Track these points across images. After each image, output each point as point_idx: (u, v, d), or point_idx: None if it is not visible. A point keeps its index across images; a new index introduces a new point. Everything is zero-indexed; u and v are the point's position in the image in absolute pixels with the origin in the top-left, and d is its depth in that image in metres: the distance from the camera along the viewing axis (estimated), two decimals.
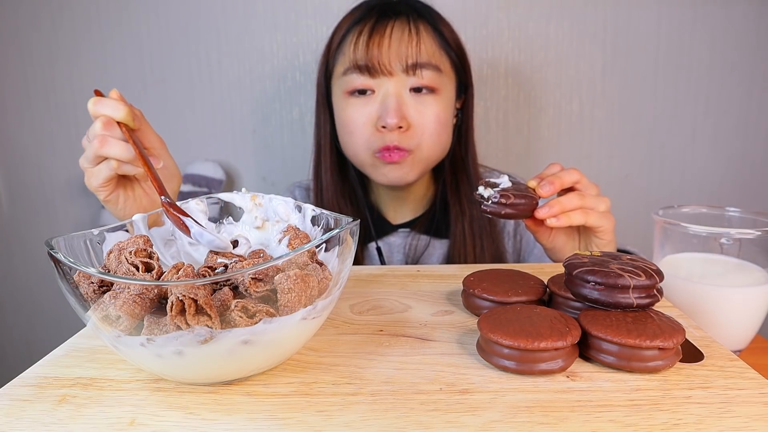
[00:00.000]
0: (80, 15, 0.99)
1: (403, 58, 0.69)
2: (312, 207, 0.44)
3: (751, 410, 0.30)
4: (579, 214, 0.56)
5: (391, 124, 0.68)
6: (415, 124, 0.70)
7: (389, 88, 0.69)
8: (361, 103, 0.71)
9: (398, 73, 0.69)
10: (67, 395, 0.33)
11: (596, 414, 0.30)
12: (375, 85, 0.70)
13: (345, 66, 0.71)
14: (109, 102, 0.52)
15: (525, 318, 0.36)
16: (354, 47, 0.69)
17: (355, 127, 0.71)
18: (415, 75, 0.69)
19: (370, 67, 0.69)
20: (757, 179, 1.05)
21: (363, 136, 0.71)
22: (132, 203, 0.58)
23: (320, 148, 0.79)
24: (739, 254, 0.54)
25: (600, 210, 0.57)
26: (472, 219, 0.78)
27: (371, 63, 0.68)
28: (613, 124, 1.03)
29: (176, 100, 1.02)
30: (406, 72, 0.69)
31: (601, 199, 0.58)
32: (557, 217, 0.55)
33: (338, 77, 0.73)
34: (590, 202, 0.57)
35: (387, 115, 0.68)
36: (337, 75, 0.73)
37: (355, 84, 0.70)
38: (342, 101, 0.72)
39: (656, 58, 1.00)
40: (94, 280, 0.32)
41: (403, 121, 0.69)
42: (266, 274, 0.32)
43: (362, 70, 0.69)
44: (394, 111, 0.68)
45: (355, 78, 0.70)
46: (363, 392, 0.33)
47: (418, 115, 0.70)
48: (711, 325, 0.52)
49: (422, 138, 0.71)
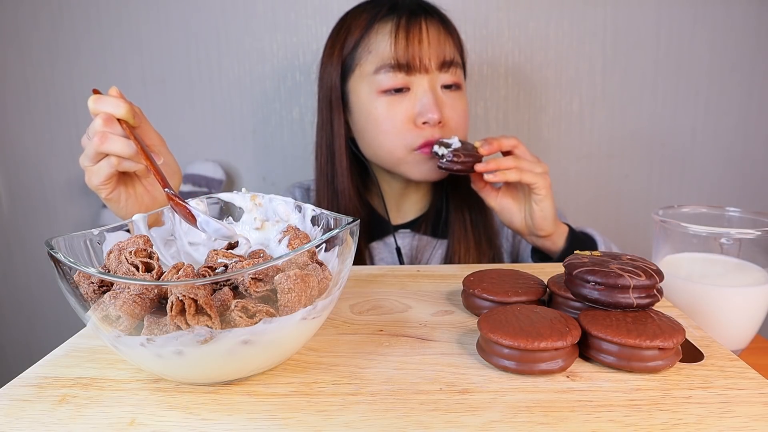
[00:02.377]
0: (80, 15, 0.99)
1: (440, 55, 0.70)
2: (312, 207, 0.44)
3: (751, 410, 0.30)
4: (514, 172, 0.64)
5: (433, 119, 0.69)
6: (449, 119, 0.72)
7: (424, 84, 0.70)
8: (397, 101, 0.70)
9: (433, 70, 0.70)
10: (67, 395, 0.33)
11: (596, 414, 0.30)
12: (411, 82, 0.70)
13: (377, 64, 0.70)
14: (109, 99, 0.51)
15: (525, 318, 0.36)
16: (394, 45, 0.69)
17: (391, 126, 0.71)
18: (448, 72, 0.71)
19: (411, 64, 0.69)
20: (757, 179, 1.05)
21: (400, 134, 0.71)
22: (134, 201, 0.57)
23: (333, 151, 0.77)
24: (739, 254, 0.54)
25: (536, 171, 0.65)
26: (471, 218, 0.78)
27: (412, 60, 0.69)
28: (613, 124, 1.03)
29: (176, 100, 1.02)
30: (440, 69, 0.71)
31: (537, 164, 0.66)
32: (494, 173, 0.65)
33: (365, 76, 0.71)
34: (525, 164, 0.65)
35: (428, 111, 0.69)
36: (363, 74, 0.72)
37: (392, 82, 0.70)
38: (373, 100, 0.71)
39: (656, 58, 1.00)
40: (94, 280, 0.32)
41: (442, 117, 0.70)
42: (266, 274, 0.32)
43: (401, 68, 0.69)
44: (435, 107, 0.69)
45: (392, 76, 0.70)
46: (363, 392, 0.33)
47: (452, 111, 0.72)
48: (711, 325, 0.52)
49: (456, 133, 0.72)
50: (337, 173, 0.77)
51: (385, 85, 0.70)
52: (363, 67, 0.72)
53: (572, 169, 1.05)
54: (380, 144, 0.73)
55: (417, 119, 0.70)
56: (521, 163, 0.65)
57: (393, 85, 0.70)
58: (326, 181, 0.78)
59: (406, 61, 0.69)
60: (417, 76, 0.70)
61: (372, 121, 0.72)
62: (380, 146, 0.73)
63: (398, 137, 0.71)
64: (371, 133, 0.73)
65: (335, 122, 0.76)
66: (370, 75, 0.71)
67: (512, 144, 0.66)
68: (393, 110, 0.70)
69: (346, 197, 0.76)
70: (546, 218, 0.67)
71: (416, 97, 0.70)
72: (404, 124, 0.70)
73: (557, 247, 0.69)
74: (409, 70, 0.69)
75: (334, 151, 0.77)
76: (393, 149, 0.72)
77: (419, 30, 0.69)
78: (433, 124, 0.70)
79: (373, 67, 0.70)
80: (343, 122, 0.76)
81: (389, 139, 0.72)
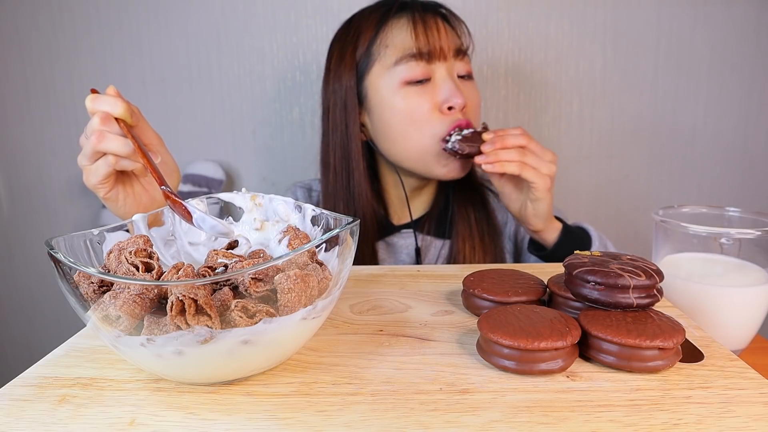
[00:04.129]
0: (80, 15, 0.99)
1: (454, 43, 0.72)
2: (312, 207, 0.44)
3: (751, 410, 0.30)
4: (515, 166, 0.64)
5: (459, 103, 0.70)
6: (468, 106, 0.72)
7: (444, 72, 0.71)
8: (420, 92, 0.71)
9: (450, 58, 0.72)
10: (67, 395, 0.33)
11: (596, 414, 0.30)
12: (432, 70, 0.71)
13: (397, 56, 0.71)
14: (106, 98, 0.51)
15: (525, 318, 0.36)
16: (414, 35, 0.70)
17: (420, 115, 0.71)
18: (462, 60, 0.73)
19: (432, 52, 0.70)
20: (757, 179, 1.05)
21: (430, 123, 0.71)
22: (132, 200, 0.57)
23: (349, 155, 0.75)
24: (739, 254, 0.54)
25: (541, 171, 0.64)
26: (474, 218, 0.78)
27: (433, 48, 0.70)
28: (613, 124, 1.03)
29: (176, 100, 1.02)
30: (456, 57, 0.72)
31: (546, 163, 0.65)
32: (492, 164, 0.65)
33: (385, 70, 0.71)
34: (532, 161, 0.64)
35: (453, 95, 0.70)
36: (383, 68, 0.72)
37: (415, 72, 0.70)
38: (395, 93, 0.71)
39: (656, 58, 1.00)
40: (94, 280, 0.32)
41: (465, 102, 0.71)
42: (266, 274, 0.32)
43: (422, 56, 0.70)
44: (459, 91, 0.70)
45: (414, 65, 0.70)
46: (363, 392, 0.33)
47: (468, 98, 0.72)
48: (711, 325, 0.52)
49: (474, 120, 0.73)
50: (353, 176, 0.76)
51: (408, 75, 0.70)
52: (382, 61, 0.72)
53: (572, 169, 1.05)
54: (409, 137, 0.72)
55: (442, 106, 0.70)
56: (527, 158, 0.64)
57: (415, 76, 0.70)
58: (342, 184, 0.76)
59: (427, 49, 0.70)
60: (437, 64, 0.71)
61: (397, 114, 0.72)
62: (408, 139, 0.72)
63: (426, 127, 0.71)
64: (397, 127, 0.72)
65: (350, 124, 0.75)
66: (390, 68, 0.71)
67: (519, 143, 0.66)
68: (418, 99, 0.71)
69: (363, 199, 0.76)
70: (537, 216, 0.68)
71: (438, 85, 0.71)
72: (431, 112, 0.71)
73: (549, 241, 0.71)
74: (430, 58, 0.70)
75: (350, 153, 0.75)
76: (421, 140, 0.72)
77: (434, 21, 0.72)
78: (459, 108, 0.70)
79: (394, 59, 0.71)
80: (359, 124, 0.76)
81: (418, 129, 0.71)
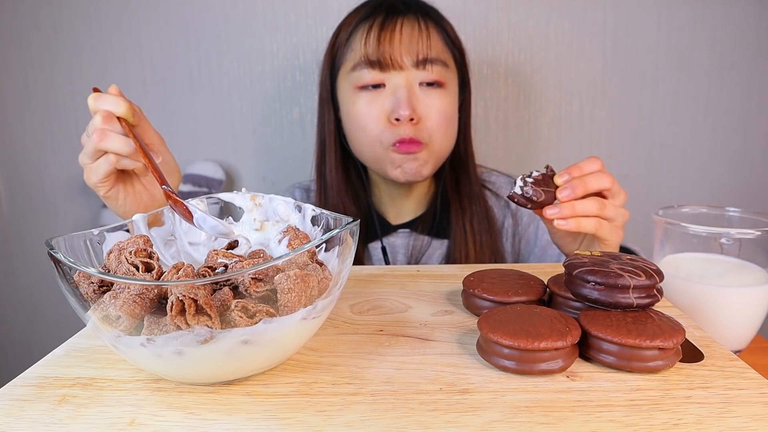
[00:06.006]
0: (80, 15, 0.99)
1: (414, 52, 0.70)
2: (312, 207, 0.44)
3: (751, 410, 0.30)
4: (592, 223, 0.52)
5: (404, 115, 0.69)
6: (425, 117, 0.71)
7: (399, 81, 0.70)
8: (373, 97, 0.71)
9: (409, 68, 0.70)
10: (67, 395, 0.33)
11: (596, 414, 0.30)
12: (386, 79, 0.71)
13: (354, 62, 0.71)
14: (109, 97, 0.52)
15: (525, 318, 0.36)
16: (365, 43, 0.70)
17: (367, 121, 0.71)
18: (425, 69, 0.71)
19: (382, 61, 0.69)
20: (757, 179, 1.05)
21: (376, 130, 0.71)
22: (132, 199, 0.58)
23: (324, 146, 0.79)
24: (739, 254, 0.54)
25: (616, 223, 0.54)
26: (472, 218, 0.78)
27: (383, 57, 0.69)
28: (613, 124, 1.03)
29: (176, 100, 1.02)
30: (416, 66, 0.70)
31: (621, 212, 0.54)
32: (566, 221, 0.52)
33: (346, 73, 0.73)
34: (610, 213, 0.53)
35: (399, 107, 0.69)
36: (345, 71, 0.73)
37: (365, 79, 0.71)
38: (351, 96, 0.73)
39: (656, 58, 1.00)
40: (94, 280, 0.32)
41: (414, 114, 0.70)
42: (266, 274, 0.32)
43: (373, 65, 0.70)
44: (406, 103, 0.69)
45: (366, 73, 0.70)
46: (363, 392, 0.33)
47: (428, 108, 0.71)
48: (711, 325, 0.52)
49: (433, 131, 0.71)
50: (326, 167, 0.79)
51: (361, 81, 0.71)
52: (345, 64, 0.73)
53: None
54: (358, 140, 0.74)
55: (390, 116, 0.70)
56: (605, 211, 0.52)
57: (366, 81, 0.71)
58: (319, 174, 0.80)
59: (376, 58, 0.69)
60: (391, 72, 0.70)
61: (352, 117, 0.73)
62: (358, 143, 0.75)
63: (374, 133, 0.72)
64: (351, 129, 0.75)
65: (326, 118, 0.78)
66: (349, 72, 0.73)
67: (604, 187, 0.53)
68: (369, 106, 0.71)
69: (334, 191, 0.78)
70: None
71: (390, 94, 0.71)
72: (379, 120, 0.71)
73: None
74: (383, 67, 0.70)
75: (325, 146, 0.79)
76: (371, 145, 0.73)
77: (392, 29, 0.70)
78: (404, 120, 0.69)
79: (352, 64, 0.72)
80: (333, 119, 0.78)
81: (366, 134, 0.72)
